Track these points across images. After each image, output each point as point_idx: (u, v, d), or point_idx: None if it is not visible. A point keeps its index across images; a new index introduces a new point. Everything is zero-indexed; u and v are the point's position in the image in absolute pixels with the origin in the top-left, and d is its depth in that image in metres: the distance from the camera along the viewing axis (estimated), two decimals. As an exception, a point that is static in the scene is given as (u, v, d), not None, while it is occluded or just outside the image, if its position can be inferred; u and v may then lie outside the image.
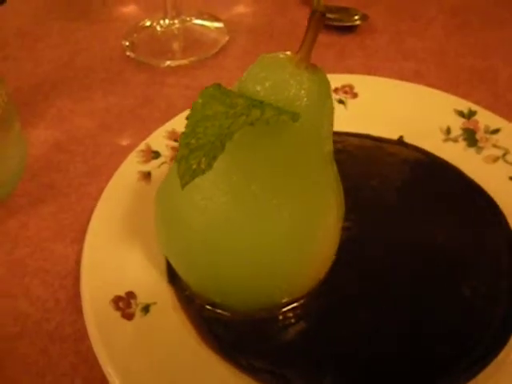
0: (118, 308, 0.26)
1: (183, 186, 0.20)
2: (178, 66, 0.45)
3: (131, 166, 0.32)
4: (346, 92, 0.37)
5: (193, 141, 0.20)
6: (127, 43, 0.47)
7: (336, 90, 0.38)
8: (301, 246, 0.24)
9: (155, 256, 0.28)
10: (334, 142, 0.35)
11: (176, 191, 0.25)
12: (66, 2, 0.54)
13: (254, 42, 0.48)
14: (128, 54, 0.46)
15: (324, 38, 0.48)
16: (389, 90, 0.37)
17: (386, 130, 0.36)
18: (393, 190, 0.32)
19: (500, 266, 0.28)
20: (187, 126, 0.21)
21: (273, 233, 0.23)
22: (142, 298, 0.27)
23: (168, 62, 0.45)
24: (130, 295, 0.27)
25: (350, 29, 0.48)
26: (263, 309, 0.27)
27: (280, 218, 0.23)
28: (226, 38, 0.48)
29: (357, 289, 0.28)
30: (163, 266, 0.28)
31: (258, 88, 0.22)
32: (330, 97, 0.24)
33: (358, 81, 0.38)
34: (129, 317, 0.26)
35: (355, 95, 0.37)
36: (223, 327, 0.27)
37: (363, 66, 0.44)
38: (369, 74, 0.42)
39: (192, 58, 0.45)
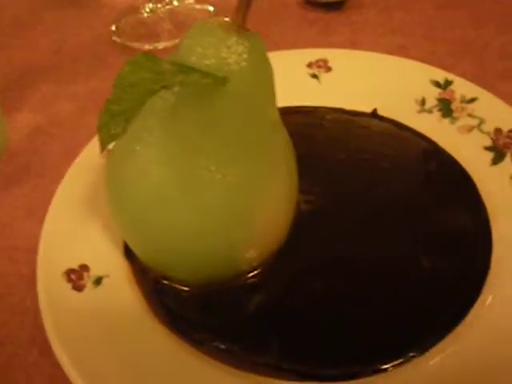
0: (69, 280, 0.26)
1: (102, 150, 0.20)
2: (162, 49, 0.45)
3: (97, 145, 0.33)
4: (319, 66, 0.37)
5: (114, 106, 0.20)
6: (114, 28, 0.48)
7: (310, 65, 0.37)
8: (244, 214, 0.24)
9: (113, 231, 0.29)
10: (306, 116, 0.35)
11: (120, 163, 0.25)
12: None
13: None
14: (114, 38, 0.47)
15: (309, 14, 0.47)
16: (363, 63, 0.36)
17: (360, 104, 0.35)
18: (361, 163, 0.32)
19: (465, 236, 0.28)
20: (112, 93, 0.21)
21: (213, 202, 0.23)
22: (95, 271, 0.27)
23: (149, 46, 0.45)
24: (84, 268, 0.27)
25: (337, 5, 0.47)
26: (217, 281, 0.27)
27: (219, 187, 0.23)
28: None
29: (314, 259, 0.28)
30: (120, 241, 0.28)
31: (190, 55, 0.22)
32: (265, 62, 0.23)
33: (332, 55, 0.37)
34: (79, 288, 0.26)
35: (329, 69, 0.37)
36: (175, 300, 0.27)
37: (348, 42, 0.44)
38: (354, 48, 0.42)
39: (177, 41, 0.45)
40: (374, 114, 0.35)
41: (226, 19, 0.23)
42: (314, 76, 0.37)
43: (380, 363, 0.23)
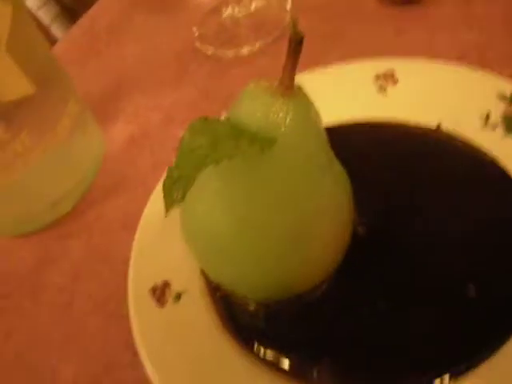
0: (154, 295, 0.31)
1: (166, 213, 0.24)
2: (246, 56, 0.47)
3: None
4: (386, 79, 0.38)
5: (175, 173, 0.24)
6: (196, 33, 0.51)
7: (377, 77, 0.38)
8: (302, 251, 0.27)
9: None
10: (368, 133, 0.37)
11: (189, 205, 0.29)
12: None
13: (317, 20, 0.49)
14: (197, 45, 0.50)
15: (385, 11, 0.47)
16: (430, 75, 0.37)
17: (425, 117, 0.36)
18: (419, 184, 0.33)
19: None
20: (176, 159, 0.24)
21: (268, 245, 0.27)
22: (175, 287, 0.32)
23: (232, 52, 0.48)
24: (166, 284, 0.32)
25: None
26: (280, 299, 0.30)
27: (274, 229, 0.26)
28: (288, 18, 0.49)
29: (369, 282, 0.30)
30: (196, 259, 0.33)
31: (240, 121, 0.25)
32: (311, 117, 0.26)
33: (399, 65, 0.38)
34: (162, 303, 0.31)
35: (396, 81, 0.38)
36: (241, 314, 0.31)
37: (424, 41, 0.44)
38: (429, 48, 0.42)
39: (256, 45, 0.48)
40: (437, 130, 0.35)
41: (268, 84, 0.25)
42: (382, 88, 0.38)
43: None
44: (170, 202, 0.23)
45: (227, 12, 0.51)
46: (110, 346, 0.33)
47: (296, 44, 0.24)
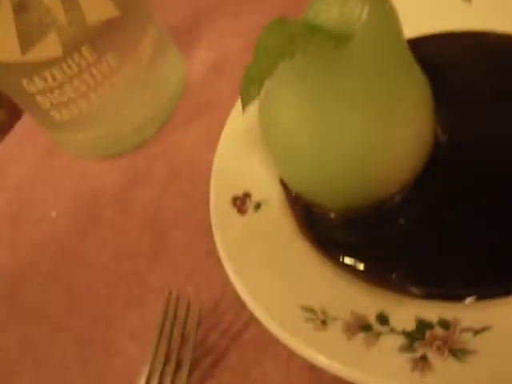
0: (235, 205, 0.32)
1: (243, 109, 0.24)
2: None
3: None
4: (472, -10, 0.36)
5: (252, 72, 0.24)
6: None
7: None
8: (381, 147, 0.27)
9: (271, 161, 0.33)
10: (452, 43, 0.35)
11: (268, 111, 0.29)
12: None
13: None
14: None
15: None
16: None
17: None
18: (509, 95, 0.32)
19: None
20: (253, 58, 0.25)
21: (350, 138, 0.26)
22: (256, 197, 0.32)
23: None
24: (246, 195, 0.33)
25: None
26: (359, 208, 0.30)
27: (355, 125, 0.26)
28: None
29: (450, 188, 0.30)
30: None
31: (316, 17, 0.25)
32: (388, 15, 0.25)
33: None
34: (243, 212, 0.32)
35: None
36: (321, 224, 0.31)
37: None
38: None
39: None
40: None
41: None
42: (466, -2, 0.36)
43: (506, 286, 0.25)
44: (246, 98, 0.24)
45: None
46: (193, 255, 0.34)
47: None
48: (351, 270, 0.29)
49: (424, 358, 0.23)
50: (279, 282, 0.29)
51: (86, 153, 0.43)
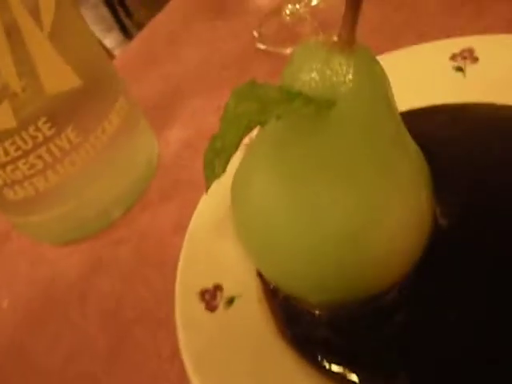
0: (203, 300, 0.27)
1: (207, 189, 0.20)
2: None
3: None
4: (464, 57, 0.33)
5: (218, 143, 0.21)
6: (256, 34, 0.48)
7: (453, 57, 0.34)
8: (364, 236, 0.23)
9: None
10: (449, 116, 0.32)
11: (239, 190, 0.25)
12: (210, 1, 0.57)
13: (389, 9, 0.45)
14: (258, 45, 0.47)
15: None
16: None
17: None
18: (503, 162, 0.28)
19: None
20: (219, 128, 0.21)
21: (326, 226, 0.22)
22: (228, 290, 0.28)
23: (292, 49, 0.45)
24: (217, 287, 0.28)
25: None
26: (348, 305, 0.26)
27: (332, 212, 0.22)
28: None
29: (453, 282, 0.25)
30: (252, 260, 0.29)
31: (294, 81, 0.21)
32: (375, 77, 0.22)
33: (478, 43, 0.33)
34: (212, 309, 0.27)
35: (475, 60, 0.33)
36: (303, 322, 0.26)
37: (505, 20, 0.39)
38: (509, 28, 0.37)
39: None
40: (530, 108, 0.30)
41: (325, 38, 0.21)
42: (459, 69, 0.33)
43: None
44: (211, 176, 0.20)
45: (288, 10, 0.48)
46: (157, 357, 0.29)
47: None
48: (340, 379, 0.24)
49: None
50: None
51: (44, 237, 0.39)
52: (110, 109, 0.36)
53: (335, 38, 0.21)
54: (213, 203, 0.32)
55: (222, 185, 0.31)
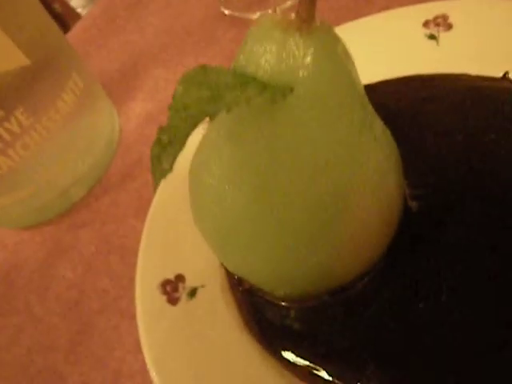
0: (165, 292, 0.26)
1: (155, 188, 0.19)
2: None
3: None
4: (437, 24, 0.31)
5: (165, 136, 0.19)
6: (221, -2, 0.45)
7: (426, 24, 0.32)
8: (331, 226, 0.21)
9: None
10: (420, 87, 0.30)
11: (196, 181, 0.24)
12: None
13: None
14: (222, 9, 0.45)
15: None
16: (491, 16, 0.30)
17: (488, 67, 0.29)
18: (485, 145, 0.27)
19: None
20: (167, 119, 0.19)
21: (291, 218, 0.21)
22: (191, 281, 0.26)
23: (258, 14, 0.42)
24: (179, 278, 0.27)
25: None
26: (314, 296, 0.25)
27: (299, 204, 0.21)
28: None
29: (424, 270, 0.24)
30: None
31: (248, 65, 0.20)
32: (340, 59, 0.20)
33: (453, 8, 0.31)
34: (174, 301, 0.26)
35: (449, 27, 0.31)
36: (268, 314, 0.25)
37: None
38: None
39: (287, 4, 0.42)
40: (504, 79, 0.29)
41: (282, 15, 0.19)
42: (432, 37, 0.31)
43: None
44: (158, 173, 0.18)
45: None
46: (120, 350, 0.28)
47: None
48: (307, 373, 0.23)
49: None
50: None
51: (2, 222, 0.37)
52: (63, 87, 0.33)
53: (292, 15, 0.19)
54: (172, 190, 0.30)
55: (181, 170, 0.29)
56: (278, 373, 0.23)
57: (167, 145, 0.18)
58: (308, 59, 0.19)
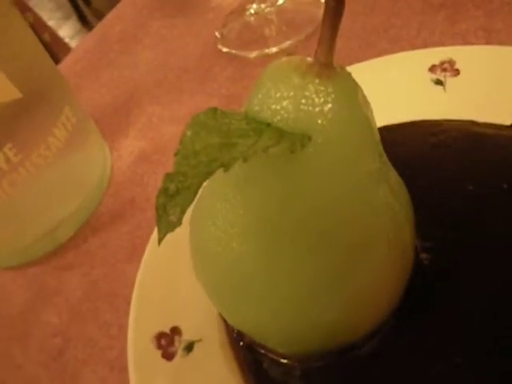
0: (159, 345, 0.24)
1: (159, 241, 0.17)
2: (269, 55, 0.41)
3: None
4: (445, 69, 0.31)
5: (172, 185, 0.17)
6: (218, 36, 0.45)
7: (433, 69, 0.31)
8: (337, 287, 0.20)
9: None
10: (428, 134, 0.30)
11: (199, 231, 0.22)
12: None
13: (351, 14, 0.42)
14: (219, 47, 0.44)
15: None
16: (499, 63, 0.30)
17: (496, 114, 0.29)
18: (497, 195, 0.26)
19: None
20: (174, 166, 0.18)
21: (302, 275, 0.20)
22: (187, 334, 0.25)
23: (258, 52, 0.41)
24: (175, 331, 0.25)
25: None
26: (319, 354, 0.23)
27: (310, 261, 0.19)
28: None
29: (438, 325, 0.23)
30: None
31: (262, 111, 0.18)
32: (359, 107, 0.19)
33: (460, 54, 0.31)
34: (169, 356, 0.24)
35: (456, 72, 0.30)
36: (271, 372, 0.23)
37: (481, 29, 0.36)
38: (488, 39, 0.35)
39: (286, 43, 0.41)
40: (513, 127, 0.28)
41: (301, 58, 0.18)
42: (439, 82, 0.31)
43: None
44: (165, 226, 0.17)
45: (252, 9, 0.45)
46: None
47: (336, 3, 0.17)
48: None
49: None
50: None
51: (-17, 262, 0.35)
52: (55, 122, 0.32)
53: (310, 59, 0.18)
54: (168, 236, 0.28)
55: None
56: None
57: (175, 194, 0.17)
58: (328, 106, 0.18)
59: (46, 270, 0.34)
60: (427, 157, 0.29)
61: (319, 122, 0.18)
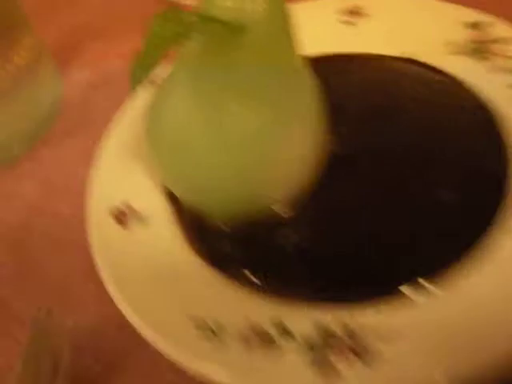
0: (116, 218, 0.29)
1: (132, 91, 0.23)
2: None
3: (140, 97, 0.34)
4: (352, 14, 0.37)
5: (142, 56, 0.23)
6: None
7: (342, 12, 0.37)
8: (266, 153, 0.26)
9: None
10: (340, 63, 0.36)
11: (155, 109, 0.27)
12: None
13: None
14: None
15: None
16: (400, 8, 0.37)
17: (391, 48, 0.35)
18: (385, 101, 0.32)
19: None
20: (144, 46, 0.23)
21: (234, 142, 0.25)
22: (140, 210, 0.30)
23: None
24: (129, 207, 0.30)
25: None
26: (252, 218, 0.28)
27: (240, 128, 0.25)
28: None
29: (341, 200, 0.29)
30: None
31: (211, 8, 0.24)
32: (284, 9, 0.25)
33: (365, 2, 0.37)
34: (125, 225, 0.29)
35: (362, 15, 0.37)
36: (213, 237, 0.29)
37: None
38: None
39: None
40: (402, 58, 0.35)
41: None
42: (348, 22, 0.37)
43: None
44: (135, 81, 0.22)
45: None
46: (68, 278, 0.30)
47: None
48: (247, 282, 0.27)
49: (331, 366, 0.22)
50: (169, 299, 0.26)
51: None
52: (12, 45, 0.35)
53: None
54: (122, 135, 0.33)
55: (129, 113, 0.33)
56: (223, 285, 0.27)
57: (143, 62, 0.23)
58: (261, 6, 0.23)
59: (3, 177, 0.37)
60: (337, 80, 0.35)
61: (253, 15, 0.23)
